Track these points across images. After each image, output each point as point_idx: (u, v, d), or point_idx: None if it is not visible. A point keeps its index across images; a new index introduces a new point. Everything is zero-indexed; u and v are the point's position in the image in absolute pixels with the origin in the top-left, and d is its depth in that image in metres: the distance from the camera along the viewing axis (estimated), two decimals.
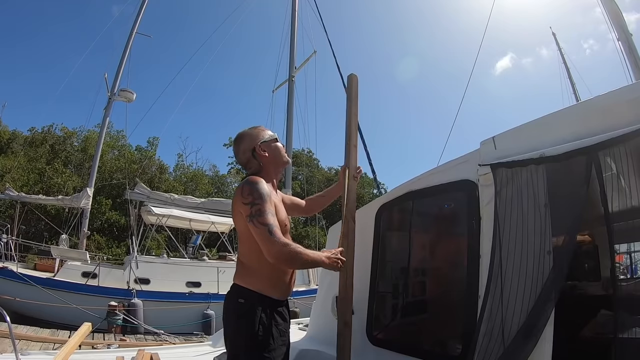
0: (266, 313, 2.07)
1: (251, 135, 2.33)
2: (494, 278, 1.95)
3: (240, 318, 2.06)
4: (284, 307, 2.22)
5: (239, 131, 2.40)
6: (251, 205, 2.01)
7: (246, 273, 2.14)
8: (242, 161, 2.35)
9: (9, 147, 29.80)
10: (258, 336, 2.00)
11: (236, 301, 2.09)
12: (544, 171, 1.91)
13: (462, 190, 2.34)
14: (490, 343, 1.88)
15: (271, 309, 2.10)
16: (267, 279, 2.11)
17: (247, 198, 2.03)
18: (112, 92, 18.14)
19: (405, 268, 2.80)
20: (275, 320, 2.10)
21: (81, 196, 16.27)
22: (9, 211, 22.27)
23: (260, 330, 2.01)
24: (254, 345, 1.99)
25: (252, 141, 2.30)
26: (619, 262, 2.54)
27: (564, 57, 21.41)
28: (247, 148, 2.29)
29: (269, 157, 2.29)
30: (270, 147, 2.31)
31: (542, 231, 1.86)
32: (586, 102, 2.25)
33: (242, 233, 2.14)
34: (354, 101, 2.74)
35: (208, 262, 14.83)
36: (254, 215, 1.99)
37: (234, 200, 2.12)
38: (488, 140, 2.23)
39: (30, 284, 11.48)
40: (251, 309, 2.04)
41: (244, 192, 2.05)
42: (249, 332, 2.01)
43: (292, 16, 18.97)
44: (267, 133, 2.36)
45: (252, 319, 2.03)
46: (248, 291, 2.09)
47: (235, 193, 2.12)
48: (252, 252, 2.11)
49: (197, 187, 32.78)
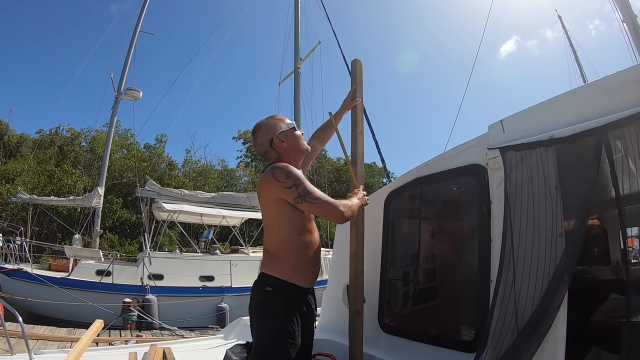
0: (293, 300, 2.10)
1: (268, 126, 2.32)
2: (506, 262, 1.94)
3: (267, 305, 2.07)
4: (310, 295, 2.23)
5: (257, 122, 2.39)
6: (295, 187, 2.03)
7: (273, 261, 2.15)
8: (260, 152, 2.36)
9: (18, 151, 30.20)
10: (284, 323, 2.02)
11: (264, 289, 2.10)
12: (554, 153, 1.88)
13: (472, 174, 2.32)
14: (504, 326, 1.87)
15: (298, 296, 2.14)
16: (293, 267, 2.12)
17: (288, 182, 2.04)
18: (119, 92, 18.18)
19: (415, 255, 2.79)
20: (300, 308, 2.12)
21: (92, 196, 16.39)
22: (21, 214, 22.52)
23: (287, 318, 2.03)
24: (280, 332, 2.01)
25: (269, 132, 2.29)
26: (631, 246, 2.52)
27: (570, 40, 21.08)
28: (265, 140, 2.29)
29: (288, 147, 2.28)
30: (289, 137, 2.30)
31: (554, 213, 1.84)
32: (594, 82, 2.22)
33: (270, 221, 2.16)
34: (358, 86, 2.73)
35: (220, 255, 14.92)
36: (303, 196, 2.03)
37: (267, 188, 2.12)
38: (496, 123, 2.21)
39: (45, 285, 11.65)
40: (278, 297, 2.07)
41: (280, 178, 2.05)
42: (275, 319, 2.03)
43: (296, 7, 18.88)
44: (285, 122, 2.34)
45: (279, 306, 2.05)
46: (275, 279, 2.10)
47: (266, 181, 2.12)
48: (279, 240, 2.14)
49: (206, 182, 32.92)
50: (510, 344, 1.82)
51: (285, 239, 2.11)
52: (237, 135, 40.53)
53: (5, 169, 26.64)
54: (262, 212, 2.21)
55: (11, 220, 21.41)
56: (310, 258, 2.19)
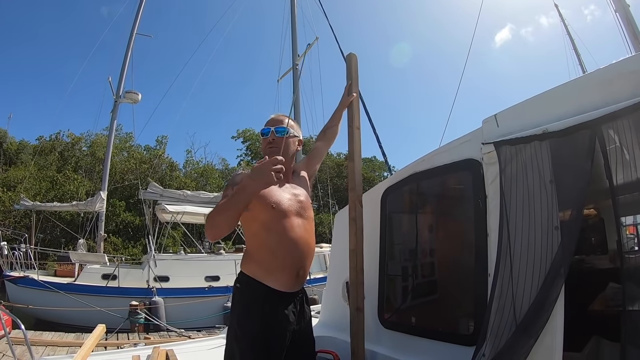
0: (258, 300, 2.00)
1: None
2: (503, 255, 1.96)
3: (234, 301, 2.10)
4: (291, 302, 2.10)
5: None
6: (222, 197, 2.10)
7: (245, 259, 2.16)
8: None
9: (18, 158, 30.27)
10: (244, 319, 2.00)
11: (235, 286, 2.11)
12: (548, 147, 1.89)
13: (467, 169, 2.33)
14: (503, 320, 1.89)
15: (266, 297, 2.02)
16: (263, 266, 2.07)
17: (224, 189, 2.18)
18: (118, 95, 18.21)
19: (413, 250, 2.81)
20: (273, 311, 2.01)
21: (95, 200, 16.45)
22: (24, 221, 22.59)
23: (249, 315, 1.99)
24: (240, 328, 1.99)
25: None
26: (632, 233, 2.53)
27: (567, 28, 20.92)
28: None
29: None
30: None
31: (549, 207, 1.86)
32: (588, 75, 2.23)
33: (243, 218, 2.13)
34: (354, 81, 2.72)
35: (225, 255, 15.00)
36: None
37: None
38: (490, 118, 2.21)
39: (52, 291, 11.71)
40: (243, 293, 2.06)
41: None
42: (237, 313, 2.04)
43: (292, 4, 18.82)
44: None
45: (242, 302, 2.05)
46: (245, 277, 2.10)
47: None
48: (250, 236, 2.15)
49: (207, 182, 32.99)
50: (509, 337, 1.84)
51: (253, 234, 2.11)
52: (237, 134, 40.58)
53: (6, 176, 26.71)
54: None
55: (15, 227, 21.52)
56: (285, 259, 2.07)
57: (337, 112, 2.71)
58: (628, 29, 8.79)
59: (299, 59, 18.08)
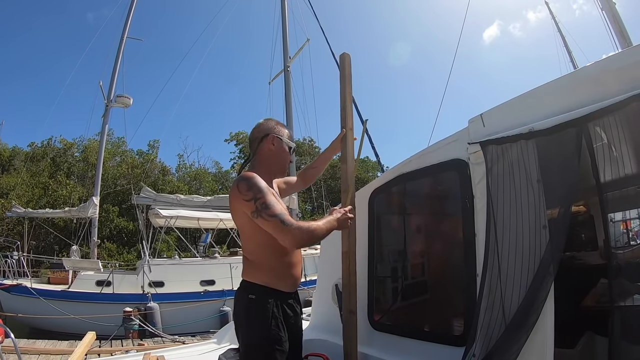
0: (277, 306, 2.08)
1: (272, 125, 2.38)
2: (491, 255, 1.95)
3: (251, 313, 2.07)
4: (293, 299, 2.23)
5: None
6: (254, 200, 1.99)
7: (253, 268, 2.15)
8: (250, 139, 2.39)
9: (11, 165, 30.04)
10: (270, 330, 2.02)
11: (247, 297, 2.09)
12: (535, 146, 1.89)
13: (454, 169, 2.33)
14: (492, 320, 1.89)
15: (281, 301, 2.11)
16: (274, 273, 2.12)
17: (248, 194, 2.00)
18: (109, 99, 18.13)
19: (402, 251, 2.81)
20: (285, 313, 2.11)
21: (88, 206, 16.35)
22: (17, 228, 22.47)
23: (273, 324, 2.03)
24: (267, 340, 2.01)
25: (270, 129, 2.35)
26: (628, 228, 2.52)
27: (558, 25, 21.07)
28: (263, 131, 2.34)
29: (273, 151, 2.31)
30: (281, 146, 2.34)
31: (537, 206, 1.86)
32: (574, 73, 2.23)
33: (245, 230, 2.13)
34: (347, 80, 2.67)
35: (220, 259, 14.91)
36: (260, 211, 1.97)
37: (232, 199, 2.10)
38: (476, 117, 2.21)
39: (46, 299, 11.61)
40: (262, 304, 2.06)
41: (242, 189, 2.03)
42: (261, 326, 2.03)
43: (282, 6, 18.82)
44: (288, 136, 2.40)
45: (263, 313, 2.04)
46: (258, 286, 2.10)
47: (232, 192, 2.11)
48: (259, 247, 2.13)
49: (201, 186, 32.89)
50: (499, 337, 1.84)
51: (264, 245, 2.08)
52: (229, 137, 40.51)
53: None
54: (235, 222, 2.18)
55: (7, 235, 21.37)
56: (291, 262, 2.18)
57: (325, 155, 2.73)
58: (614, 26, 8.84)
59: (291, 61, 18.08)
